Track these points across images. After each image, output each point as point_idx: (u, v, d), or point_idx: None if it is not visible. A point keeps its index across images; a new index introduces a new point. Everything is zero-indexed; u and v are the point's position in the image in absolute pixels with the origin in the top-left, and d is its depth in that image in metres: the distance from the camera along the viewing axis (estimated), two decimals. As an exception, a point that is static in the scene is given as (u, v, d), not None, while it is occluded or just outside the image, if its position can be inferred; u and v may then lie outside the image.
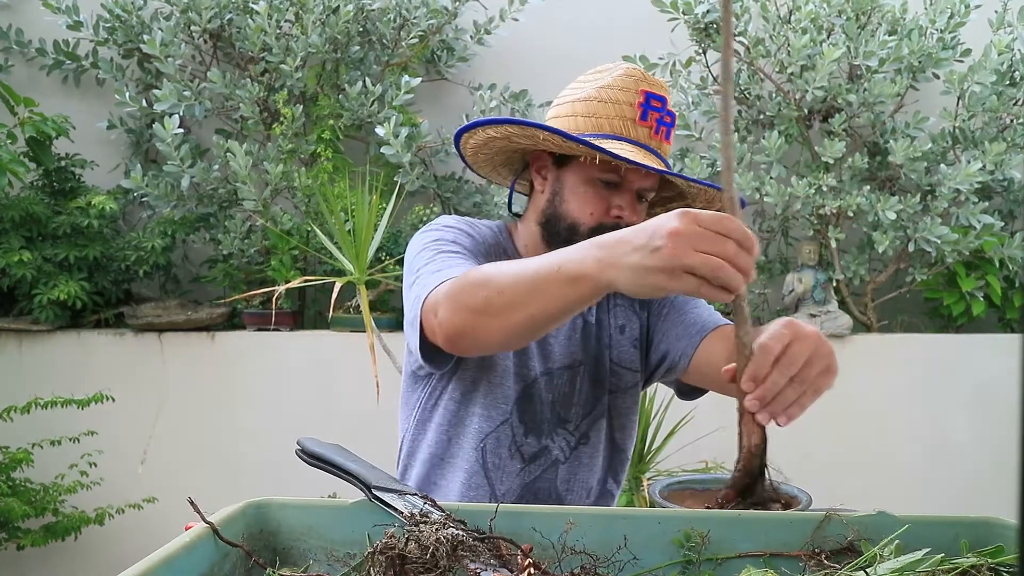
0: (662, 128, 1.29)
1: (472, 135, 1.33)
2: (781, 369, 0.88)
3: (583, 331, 1.40)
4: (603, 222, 1.29)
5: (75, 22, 2.92)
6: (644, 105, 1.28)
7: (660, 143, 1.30)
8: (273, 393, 2.79)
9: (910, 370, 2.79)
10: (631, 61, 2.82)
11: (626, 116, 1.28)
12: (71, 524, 2.51)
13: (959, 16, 2.70)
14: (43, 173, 2.89)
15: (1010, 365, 2.69)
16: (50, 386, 2.62)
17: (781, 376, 0.88)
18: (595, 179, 1.30)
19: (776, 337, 0.89)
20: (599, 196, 1.30)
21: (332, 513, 0.79)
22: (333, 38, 2.82)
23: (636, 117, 1.28)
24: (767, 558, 0.77)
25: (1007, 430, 2.61)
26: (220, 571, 0.71)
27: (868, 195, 2.71)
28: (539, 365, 1.37)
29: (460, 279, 1.10)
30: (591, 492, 1.41)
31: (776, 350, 0.88)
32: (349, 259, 2.71)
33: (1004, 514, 0.78)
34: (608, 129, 1.28)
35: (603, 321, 1.42)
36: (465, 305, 1.08)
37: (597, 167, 1.28)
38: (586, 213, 1.30)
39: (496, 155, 1.39)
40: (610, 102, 1.29)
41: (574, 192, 1.32)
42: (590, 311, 1.41)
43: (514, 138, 1.30)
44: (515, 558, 0.68)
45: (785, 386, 0.88)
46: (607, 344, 1.42)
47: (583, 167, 1.30)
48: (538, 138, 1.27)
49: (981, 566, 0.71)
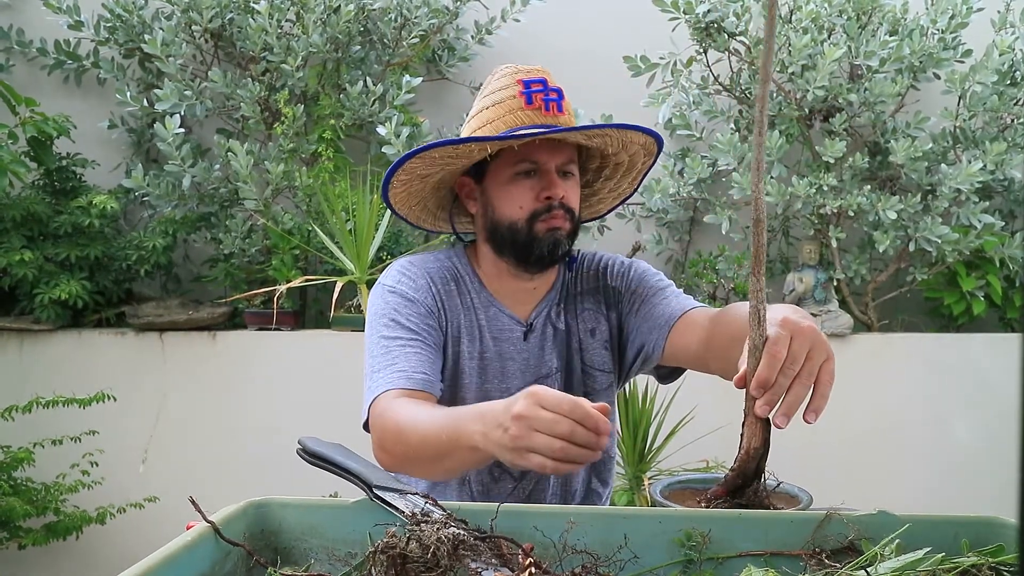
0: (551, 104, 1.32)
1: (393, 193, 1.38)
2: (786, 370, 0.89)
3: (553, 339, 1.43)
4: (535, 209, 1.33)
5: (76, 22, 2.93)
6: (524, 92, 1.32)
7: (556, 116, 1.33)
8: (274, 392, 2.79)
9: (911, 370, 2.79)
10: (631, 61, 2.83)
11: (513, 108, 1.32)
12: (72, 523, 2.51)
13: (960, 17, 2.70)
14: (44, 173, 2.89)
15: (1010, 365, 2.69)
16: (51, 385, 2.62)
17: (786, 377, 0.89)
18: (512, 175, 1.34)
19: (779, 340, 0.90)
20: (521, 189, 1.34)
21: (333, 512, 0.79)
22: (334, 37, 2.82)
23: (522, 104, 1.32)
24: (768, 557, 0.77)
25: (1007, 429, 2.61)
26: (221, 570, 0.71)
27: (869, 195, 2.71)
28: (504, 385, 1.40)
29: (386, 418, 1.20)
30: (575, 494, 1.44)
31: (781, 353, 0.89)
32: (350, 258, 2.71)
33: (1004, 513, 0.78)
34: (503, 127, 1.32)
35: (572, 326, 1.44)
36: (391, 452, 1.19)
37: (509, 164, 1.34)
38: (516, 208, 1.35)
39: (425, 199, 1.44)
40: (496, 105, 1.34)
41: (499, 196, 1.36)
42: (558, 317, 1.44)
43: (419, 171, 1.35)
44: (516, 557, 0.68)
45: (793, 384, 0.90)
46: (578, 349, 1.44)
47: (498, 171, 1.35)
48: (435, 158, 1.32)
49: (982, 565, 0.71)
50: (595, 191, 1.50)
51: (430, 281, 1.40)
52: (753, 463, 0.91)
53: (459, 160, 1.33)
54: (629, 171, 1.45)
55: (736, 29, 2.70)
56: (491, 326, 1.41)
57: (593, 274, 1.47)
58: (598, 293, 1.46)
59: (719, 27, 2.72)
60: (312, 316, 3.05)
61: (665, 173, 2.84)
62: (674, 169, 2.84)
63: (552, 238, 1.34)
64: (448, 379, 1.39)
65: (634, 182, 1.47)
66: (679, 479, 1.08)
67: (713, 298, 2.83)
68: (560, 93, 1.33)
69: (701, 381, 2.64)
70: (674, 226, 3.02)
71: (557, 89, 1.33)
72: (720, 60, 2.89)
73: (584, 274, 1.48)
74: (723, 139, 2.73)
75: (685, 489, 1.04)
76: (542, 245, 1.34)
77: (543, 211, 1.33)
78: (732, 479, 0.92)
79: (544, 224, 1.33)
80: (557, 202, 1.33)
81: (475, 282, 1.43)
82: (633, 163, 1.43)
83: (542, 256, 1.35)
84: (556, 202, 1.33)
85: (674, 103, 2.90)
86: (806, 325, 0.92)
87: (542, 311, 1.43)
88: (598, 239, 2.96)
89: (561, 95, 1.33)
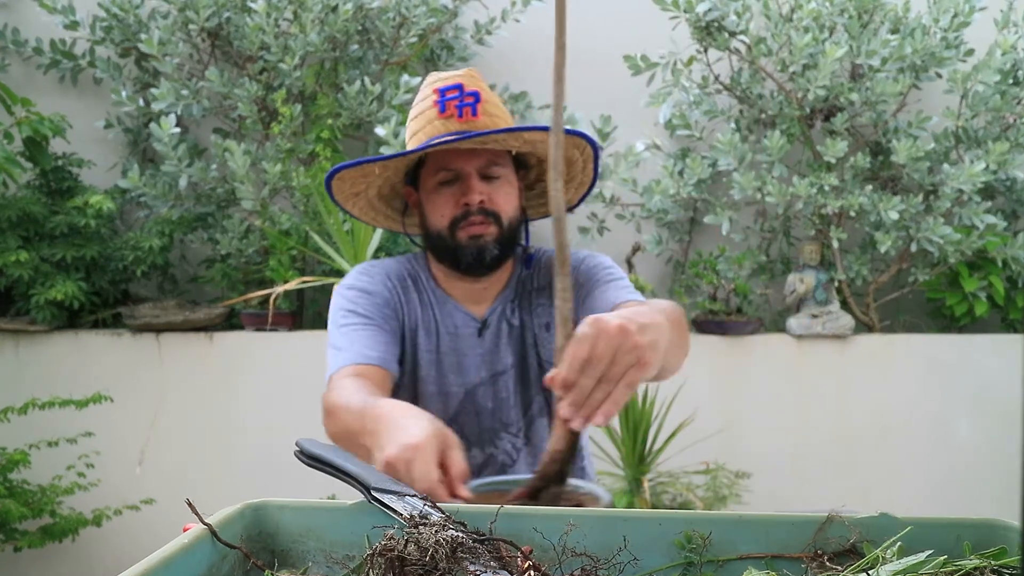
0: (464, 108, 1.34)
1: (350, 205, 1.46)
2: (588, 372, 0.89)
3: (508, 336, 1.45)
4: (454, 216, 1.37)
5: (72, 21, 2.92)
6: (439, 100, 1.35)
7: (470, 121, 1.34)
8: (272, 394, 2.78)
9: (912, 371, 2.78)
10: (632, 60, 2.82)
11: (430, 119, 1.36)
12: (69, 526, 2.50)
13: (962, 16, 2.69)
14: (40, 173, 2.88)
15: (1013, 366, 2.69)
16: (47, 387, 2.62)
17: (589, 379, 0.89)
18: (436, 184, 1.38)
19: (581, 340, 0.89)
20: (444, 198, 1.38)
21: (331, 515, 0.78)
22: (332, 37, 2.81)
23: (436, 114, 1.35)
24: (769, 560, 0.76)
25: (1009, 431, 2.61)
26: (218, 573, 0.70)
27: (870, 195, 2.71)
28: (464, 380, 1.44)
29: (328, 397, 1.26)
30: None
31: (581, 354, 0.89)
32: (347, 259, 2.70)
33: (1006, 515, 0.77)
34: (424, 138, 1.35)
35: (526, 322, 1.47)
36: (327, 428, 1.26)
37: (431, 173, 1.38)
38: (439, 216, 1.39)
39: (378, 208, 1.51)
40: (418, 116, 1.38)
41: (427, 205, 1.41)
42: (513, 313, 1.47)
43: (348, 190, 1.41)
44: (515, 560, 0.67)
45: (594, 388, 0.89)
46: (533, 344, 1.46)
47: (426, 180, 1.40)
48: (355, 177, 1.38)
49: (984, 568, 0.70)
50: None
51: (387, 278, 1.46)
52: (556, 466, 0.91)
53: (374, 177, 1.39)
54: (573, 164, 1.45)
55: (737, 28, 2.69)
56: (446, 322, 1.45)
57: (548, 270, 1.50)
58: (552, 288, 1.47)
59: (720, 26, 2.72)
60: (310, 317, 3.04)
61: (665, 173, 2.83)
62: (674, 169, 2.83)
63: (475, 245, 1.37)
64: (408, 372, 1.43)
65: (586, 173, 1.47)
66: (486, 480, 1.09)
67: (713, 298, 2.82)
68: (477, 96, 1.35)
69: (702, 383, 2.65)
70: (674, 226, 3.01)
71: (474, 92, 1.35)
72: (721, 59, 2.88)
73: (541, 270, 1.50)
74: (723, 139, 2.72)
75: (493, 492, 1.04)
76: (467, 253, 1.38)
77: (461, 217, 1.36)
78: (534, 482, 0.91)
79: (464, 232, 1.37)
80: (475, 207, 1.36)
81: (431, 281, 1.48)
82: (575, 159, 1.44)
83: (470, 264, 1.39)
84: (474, 207, 1.35)
85: (674, 103, 2.89)
86: (613, 326, 0.90)
87: (496, 308, 1.46)
88: (598, 240, 2.95)
89: (478, 98, 1.35)
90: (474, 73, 1.38)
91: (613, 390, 0.89)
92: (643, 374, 0.91)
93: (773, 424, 2.72)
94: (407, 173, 1.45)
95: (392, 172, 1.40)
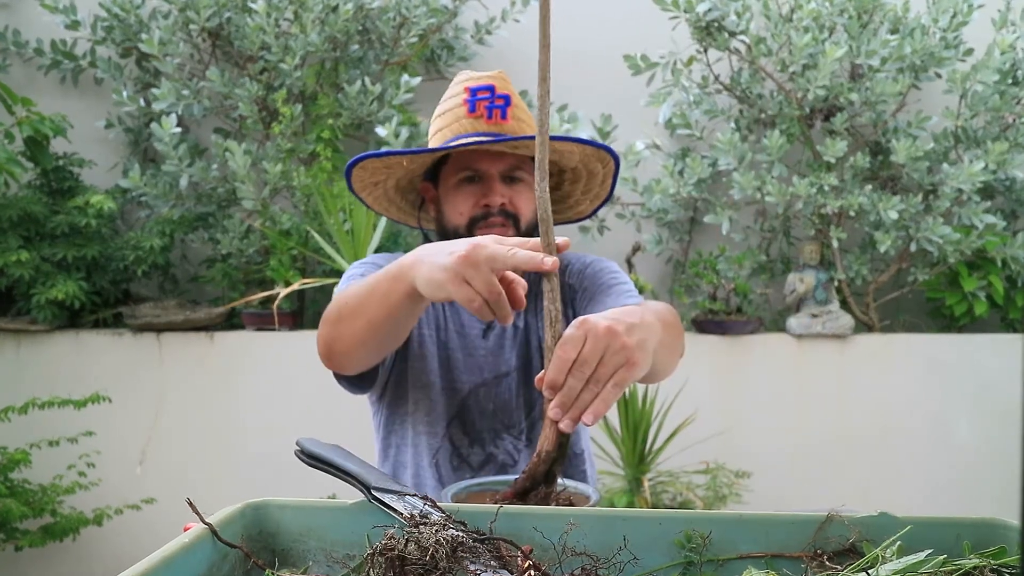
0: (494, 111, 1.35)
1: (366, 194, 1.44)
2: (576, 373, 0.88)
3: (513, 338, 1.45)
4: (473, 216, 1.38)
5: (73, 21, 2.92)
6: (469, 100, 1.36)
7: (499, 123, 1.35)
8: (272, 393, 2.78)
9: (912, 370, 2.78)
10: (632, 60, 2.82)
11: (458, 116, 1.36)
12: (69, 525, 2.50)
13: (962, 15, 2.69)
14: (41, 173, 2.88)
15: (1012, 365, 2.69)
16: (48, 386, 2.62)
17: (577, 380, 0.89)
18: (457, 182, 1.39)
19: (569, 340, 0.89)
20: (464, 195, 1.39)
21: (331, 514, 0.78)
22: (332, 37, 2.81)
23: (465, 112, 1.35)
24: (769, 559, 0.76)
25: (1009, 430, 2.61)
26: (219, 572, 0.70)
27: (870, 195, 2.71)
28: (469, 378, 1.43)
29: (333, 301, 1.22)
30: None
31: (570, 354, 0.88)
32: (347, 259, 2.70)
33: (1006, 514, 0.77)
34: (450, 135, 1.35)
35: (531, 324, 1.47)
36: (327, 319, 1.20)
37: (454, 171, 1.39)
38: (457, 214, 1.39)
39: (392, 200, 1.50)
40: (446, 112, 1.39)
41: (447, 201, 1.41)
42: (518, 316, 1.46)
43: (368, 179, 1.40)
44: (515, 559, 0.67)
45: (582, 389, 0.88)
46: (537, 347, 1.46)
47: (447, 177, 1.41)
48: (378, 167, 1.37)
49: (984, 567, 0.70)
50: (568, 193, 1.52)
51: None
52: (544, 467, 0.91)
53: (398, 169, 1.38)
54: (594, 177, 1.46)
55: (737, 28, 2.69)
56: (453, 320, 1.46)
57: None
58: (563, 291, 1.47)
59: (720, 26, 2.72)
60: (310, 316, 3.04)
61: (665, 173, 2.83)
62: (674, 169, 2.83)
63: None
64: (413, 366, 1.43)
65: (604, 187, 1.48)
66: (476, 481, 1.09)
67: (713, 298, 2.82)
68: (507, 99, 1.36)
69: (702, 383, 2.66)
70: (674, 226, 3.01)
71: (505, 96, 1.36)
72: (721, 59, 2.88)
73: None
74: (723, 139, 2.72)
75: (483, 492, 1.04)
76: None
77: (480, 218, 1.37)
78: (521, 482, 0.91)
79: (482, 231, 1.37)
80: (496, 209, 1.36)
81: None
82: (596, 172, 1.45)
83: None
84: (494, 209, 1.36)
85: (674, 102, 2.89)
86: (602, 327, 0.90)
87: None
88: (598, 240, 2.95)
89: (508, 101, 1.36)
90: (505, 76, 1.39)
91: (601, 390, 0.89)
92: (632, 374, 0.91)
93: (773, 424, 2.73)
94: (427, 168, 1.45)
95: (417, 166, 1.41)
